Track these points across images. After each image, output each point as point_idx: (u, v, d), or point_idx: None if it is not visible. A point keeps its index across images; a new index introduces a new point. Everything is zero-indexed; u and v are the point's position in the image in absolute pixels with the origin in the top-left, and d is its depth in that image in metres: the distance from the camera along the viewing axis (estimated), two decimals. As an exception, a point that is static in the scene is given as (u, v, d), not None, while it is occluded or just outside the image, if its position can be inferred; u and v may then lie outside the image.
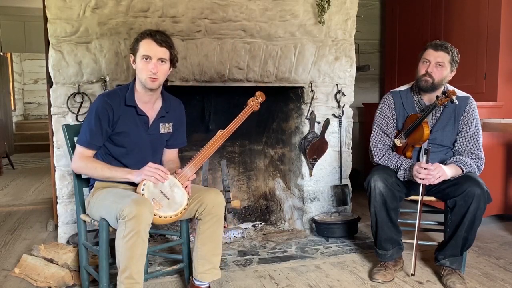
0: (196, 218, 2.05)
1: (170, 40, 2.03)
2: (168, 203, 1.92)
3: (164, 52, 1.98)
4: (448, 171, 2.19)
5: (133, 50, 2.01)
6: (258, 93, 2.23)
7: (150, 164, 1.93)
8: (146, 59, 1.95)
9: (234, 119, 2.11)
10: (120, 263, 1.80)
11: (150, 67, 1.95)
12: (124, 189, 2.03)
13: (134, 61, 2.02)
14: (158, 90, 2.07)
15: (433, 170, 2.15)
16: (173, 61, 2.05)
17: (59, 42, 2.55)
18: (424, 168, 2.16)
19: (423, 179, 2.17)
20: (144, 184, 1.91)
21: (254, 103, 2.20)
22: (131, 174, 1.94)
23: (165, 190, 1.94)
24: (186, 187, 1.98)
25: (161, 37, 1.98)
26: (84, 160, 2.00)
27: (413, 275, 2.31)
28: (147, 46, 1.96)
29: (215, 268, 2.09)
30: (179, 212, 1.93)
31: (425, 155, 2.21)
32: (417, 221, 2.26)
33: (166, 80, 2.13)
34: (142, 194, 1.87)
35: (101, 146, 2.04)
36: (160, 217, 1.88)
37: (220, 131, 2.08)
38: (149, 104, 2.08)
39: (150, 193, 1.90)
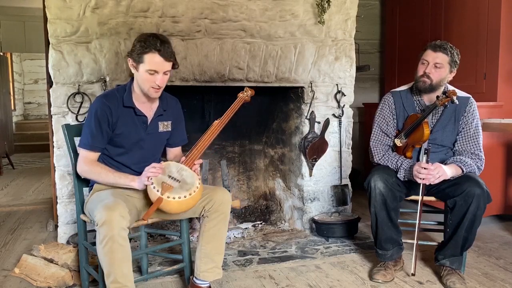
0: (202, 215, 2.05)
1: (173, 51, 2.00)
2: (179, 185, 1.90)
3: (169, 65, 1.97)
4: (448, 171, 2.19)
5: (135, 58, 1.95)
6: (246, 88, 2.31)
7: (145, 168, 1.91)
8: (151, 74, 1.94)
9: (227, 110, 2.15)
10: (103, 268, 1.80)
11: (157, 81, 1.94)
12: (120, 189, 2.02)
13: (135, 67, 1.97)
14: None
15: (433, 170, 2.15)
16: (174, 67, 2.04)
17: (59, 42, 2.55)
18: (424, 168, 2.16)
19: (423, 179, 2.17)
20: None
21: (244, 95, 2.26)
22: (134, 182, 1.94)
23: (173, 174, 1.92)
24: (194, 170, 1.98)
25: (168, 50, 1.93)
26: (89, 165, 2.00)
27: (413, 275, 2.31)
28: (153, 61, 1.91)
29: (218, 267, 2.09)
30: (193, 191, 1.88)
31: (425, 155, 2.21)
32: (417, 221, 2.26)
33: None
34: (152, 183, 1.86)
35: (104, 148, 2.04)
36: (174, 198, 1.84)
37: (217, 121, 2.11)
38: (147, 104, 2.09)
39: (159, 179, 1.89)
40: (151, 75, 1.94)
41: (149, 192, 1.89)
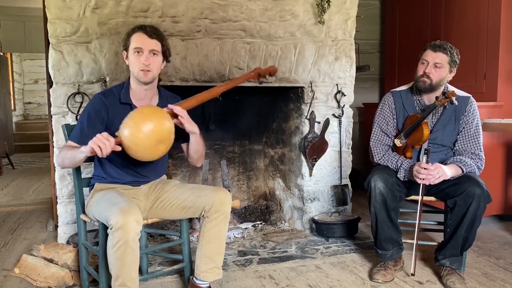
0: (202, 216, 2.05)
1: (161, 33, 2.03)
2: None
3: (155, 44, 1.97)
4: (448, 171, 2.19)
5: (125, 46, 2.01)
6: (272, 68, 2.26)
7: (98, 135, 1.75)
8: (138, 52, 1.95)
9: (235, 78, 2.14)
10: (112, 271, 1.80)
11: (142, 60, 1.94)
12: (122, 190, 2.03)
13: (127, 57, 2.01)
14: (153, 85, 2.06)
15: (433, 170, 2.15)
16: (165, 53, 2.04)
17: (59, 42, 2.55)
18: (424, 168, 2.16)
19: (423, 179, 2.17)
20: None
21: (259, 70, 2.21)
22: (84, 147, 1.81)
23: None
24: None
25: (152, 30, 1.98)
26: (63, 148, 1.96)
27: (413, 275, 2.31)
28: (138, 39, 1.96)
29: (218, 267, 2.09)
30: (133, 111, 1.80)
31: (425, 155, 2.21)
32: (417, 221, 2.26)
33: (159, 80, 2.12)
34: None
35: None
36: (120, 130, 1.74)
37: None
38: (145, 101, 2.07)
39: None
40: (137, 55, 1.95)
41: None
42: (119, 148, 1.75)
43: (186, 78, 2.76)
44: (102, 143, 1.71)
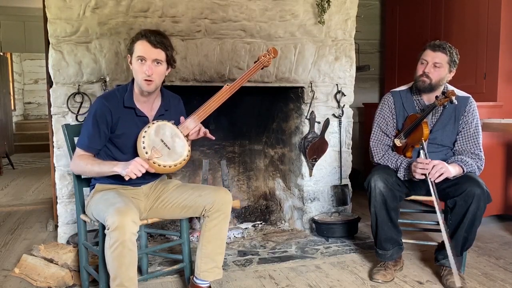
0: (203, 215, 2.05)
1: (167, 41, 2.00)
2: (168, 152, 1.91)
3: (158, 54, 1.95)
4: (452, 170, 2.19)
5: (130, 51, 2.00)
6: (271, 48, 2.26)
7: (137, 159, 1.87)
8: (141, 60, 1.94)
9: (242, 75, 2.14)
10: (110, 271, 1.81)
11: (145, 69, 1.93)
12: (122, 190, 2.03)
13: (131, 62, 2.00)
14: (156, 90, 2.06)
15: (428, 163, 2.14)
16: (169, 62, 2.03)
17: (59, 42, 2.56)
18: (420, 163, 2.16)
19: (422, 174, 2.16)
20: (145, 131, 1.91)
21: (266, 58, 2.21)
22: (117, 167, 1.90)
23: (166, 139, 1.93)
24: (187, 136, 2.00)
25: (156, 38, 1.95)
26: (79, 159, 2.00)
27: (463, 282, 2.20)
28: (141, 47, 1.94)
29: (218, 267, 2.09)
30: (179, 162, 1.93)
31: (422, 150, 2.21)
32: (440, 220, 2.12)
33: (164, 81, 2.12)
34: (143, 142, 1.87)
35: (100, 149, 2.03)
36: (159, 165, 1.88)
37: (227, 85, 2.10)
38: (148, 103, 2.08)
39: (151, 141, 1.89)
40: (141, 64, 1.95)
41: (138, 149, 1.90)
42: (152, 170, 1.90)
43: (186, 78, 2.76)
44: (137, 170, 1.84)
